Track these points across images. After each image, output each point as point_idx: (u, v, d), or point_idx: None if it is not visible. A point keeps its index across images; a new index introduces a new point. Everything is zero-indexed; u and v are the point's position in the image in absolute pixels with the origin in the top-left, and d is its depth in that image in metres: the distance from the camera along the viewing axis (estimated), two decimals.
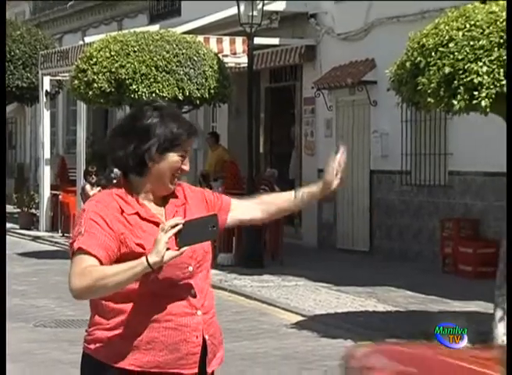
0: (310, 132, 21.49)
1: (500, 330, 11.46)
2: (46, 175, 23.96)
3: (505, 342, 9.44)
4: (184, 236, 3.46)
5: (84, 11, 31.97)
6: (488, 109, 10.81)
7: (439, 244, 17.13)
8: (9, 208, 24.34)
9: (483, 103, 10.59)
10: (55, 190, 23.17)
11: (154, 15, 27.70)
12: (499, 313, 11.45)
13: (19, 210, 25.12)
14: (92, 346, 3.69)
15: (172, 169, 3.74)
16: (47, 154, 24.48)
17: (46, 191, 23.05)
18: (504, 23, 11.01)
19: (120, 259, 3.57)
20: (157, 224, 3.66)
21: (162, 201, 3.82)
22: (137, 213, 3.70)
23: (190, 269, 3.59)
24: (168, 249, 3.38)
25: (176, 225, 3.43)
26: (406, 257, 17.86)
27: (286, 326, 13.12)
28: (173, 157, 3.71)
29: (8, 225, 21.10)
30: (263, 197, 4.08)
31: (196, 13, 22.44)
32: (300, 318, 13.47)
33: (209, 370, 3.79)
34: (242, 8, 17.91)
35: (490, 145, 15.42)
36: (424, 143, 18.11)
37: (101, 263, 3.57)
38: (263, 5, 18.23)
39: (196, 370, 3.70)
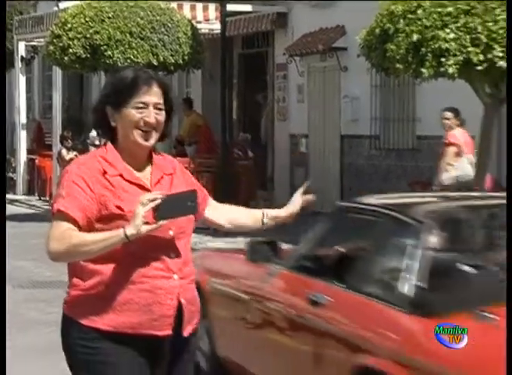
0: (282, 97, 21.32)
1: None
2: (22, 139, 24.01)
3: None
4: (162, 210, 3.45)
5: None
6: (455, 75, 11.35)
7: None
8: None
9: (450, 70, 11.10)
10: (32, 154, 23.18)
11: None
12: None
13: None
14: (70, 307, 3.68)
15: (132, 123, 3.69)
16: (23, 119, 24.45)
17: (22, 156, 23.19)
18: None
19: (100, 220, 3.56)
20: (140, 187, 3.65)
21: (145, 165, 3.79)
22: (121, 175, 3.66)
23: (171, 232, 3.54)
24: (147, 223, 3.36)
25: (155, 199, 3.41)
26: None
27: None
28: (129, 111, 3.67)
29: None
30: (234, 208, 4.12)
31: None
32: None
33: (185, 333, 3.78)
34: None
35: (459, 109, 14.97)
36: (393, 108, 17.97)
37: (79, 226, 3.53)
38: None
39: (169, 332, 3.70)
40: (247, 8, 20.62)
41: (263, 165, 22.27)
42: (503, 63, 11.35)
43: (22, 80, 25.30)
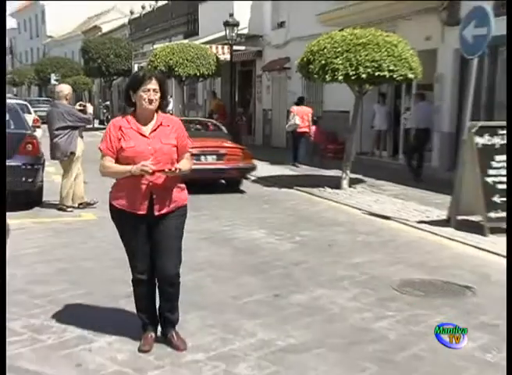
0: (259, 91, 27.73)
1: (343, 183, 14.79)
2: None
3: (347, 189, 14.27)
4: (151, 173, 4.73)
5: (153, 34, 38.84)
6: (342, 81, 13.82)
7: (318, 146, 20.53)
8: None
9: (340, 78, 13.59)
10: None
11: (186, 35, 32.93)
12: (344, 175, 14.80)
13: None
14: (110, 195, 5.15)
15: (141, 98, 4.84)
16: None
17: None
18: (348, 38, 13.71)
19: (119, 152, 4.92)
20: (141, 134, 4.91)
21: (149, 122, 4.96)
22: (131, 128, 4.90)
23: (150, 160, 4.74)
24: (141, 171, 4.73)
25: (146, 168, 4.71)
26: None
27: (251, 180, 16.27)
28: (140, 92, 4.85)
29: None
30: (182, 161, 5.06)
31: (205, 34, 28.08)
32: (253, 178, 16.49)
33: (156, 213, 4.98)
34: (228, 31, 22.83)
35: (343, 98, 18.25)
36: (313, 96, 23.14)
37: (112, 156, 4.92)
38: (237, 31, 23.11)
39: (144, 212, 4.96)
40: (243, 48, 26.16)
41: (249, 124, 28.13)
42: (364, 76, 13.43)
43: None
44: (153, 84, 4.83)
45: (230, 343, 5.56)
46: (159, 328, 5.45)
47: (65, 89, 12.05)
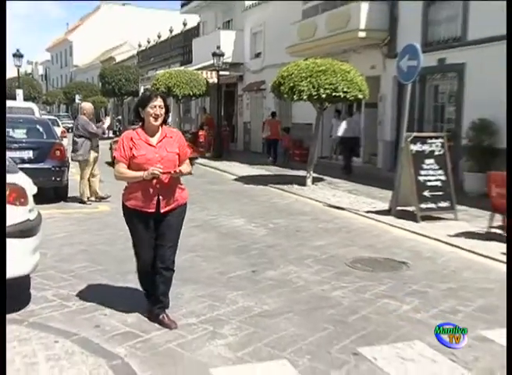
0: (240, 107, 27.64)
1: (308, 181, 14.47)
2: None
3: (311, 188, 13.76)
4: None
5: (156, 62, 38.25)
6: (306, 100, 13.88)
7: (288, 151, 20.64)
8: None
9: (304, 97, 13.70)
10: None
11: (182, 63, 32.36)
12: (308, 175, 14.56)
13: None
14: (123, 197, 4.97)
15: (149, 114, 4.70)
16: None
17: None
18: (311, 66, 13.64)
19: (130, 159, 4.75)
20: (149, 144, 4.75)
21: (155, 134, 4.81)
22: (141, 139, 4.75)
23: (159, 165, 4.61)
24: (152, 174, 4.62)
25: (156, 173, 4.57)
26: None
27: (231, 179, 16.18)
28: (147, 109, 4.70)
29: None
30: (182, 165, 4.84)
31: (197, 62, 27.43)
32: (235, 177, 16.55)
33: (162, 210, 4.83)
34: (215, 60, 22.80)
35: (308, 113, 17.48)
36: (284, 111, 22.80)
37: (125, 163, 4.74)
38: (223, 59, 23.07)
39: (154, 210, 4.81)
40: (227, 73, 25.86)
41: (233, 133, 27.95)
42: (324, 96, 13.43)
43: None
44: (159, 101, 4.73)
45: (217, 310, 5.56)
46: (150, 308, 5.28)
47: (84, 106, 11.94)
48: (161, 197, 4.78)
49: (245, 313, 5.51)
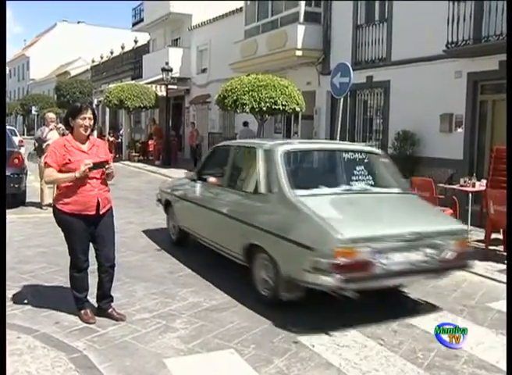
0: (187, 119, 26.95)
1: None
2: None
3: None
4: (92, 167, 4.46)
5: (108, 76, 37.40)
6: (248, 112, 14.18)
7: None
8: None
9: (247, 110, 13.99)
10: None
11: (133, 77, 31.84)
12: None
13: None
14: (55, 201, 4.75)
15: (79, 125, 4.56)
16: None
17: None
18: (253, 81, 13.76)
19: (62, 166, 4.56)
20: (81, 151, 4.60)
21: (85, 142, 4.69)
22: (73, 146, 4.60)
23: (87, 161, 4.48)
24: (84, 171, 4.42)
25: (89, 163, 4.41)
26: None
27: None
28: (78, 120, 4.56)
29: None
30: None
31: (147, 77, 26.97)
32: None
33: (101, 212, 4.72)
34: (164, 75, 22.03)
35: (251, 126, 17.57)
36: (227, 123, 22.72)
37: (56, 169, 4.55)
38: (171, 74, 22.36)
39: (94, 212, 4.66)
40: (175, 87, 25.15)
41: (180, 142, 26.89)
42: (265, 108, 13.65)
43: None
44: (89, 114, 4.64)
45: (168, 305, 5.52)
46: (96, 305, 5.15)
47: (47, 116, 11.71)
48: (99, 199, 4.68)
49: (194, 308, 5.45)
